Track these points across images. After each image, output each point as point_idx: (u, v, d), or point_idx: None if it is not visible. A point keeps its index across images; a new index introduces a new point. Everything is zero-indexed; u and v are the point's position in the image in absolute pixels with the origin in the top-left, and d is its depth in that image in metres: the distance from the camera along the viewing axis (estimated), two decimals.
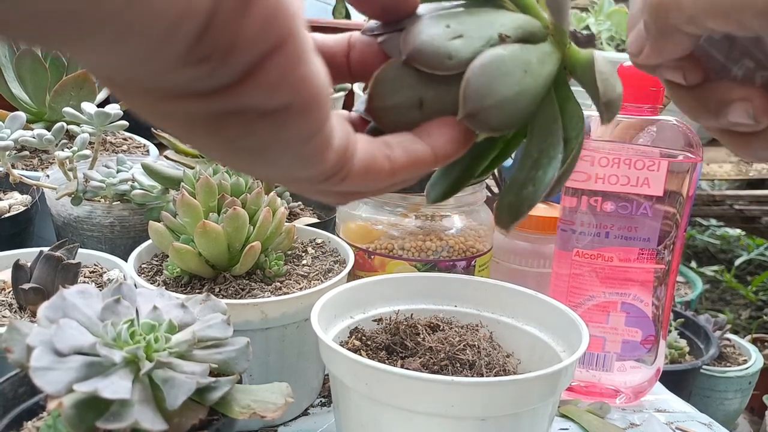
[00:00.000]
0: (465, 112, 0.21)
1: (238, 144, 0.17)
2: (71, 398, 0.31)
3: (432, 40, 0.22)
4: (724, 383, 1.14)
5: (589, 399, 0.54)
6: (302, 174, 0.19)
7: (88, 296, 0.35)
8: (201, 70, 0.15)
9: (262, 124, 0.16)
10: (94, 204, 0.58)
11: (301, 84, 0.16)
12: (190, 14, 0.13)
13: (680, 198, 0.51)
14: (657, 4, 0.23)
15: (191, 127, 0.16)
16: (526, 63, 0.22)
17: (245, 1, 0.14)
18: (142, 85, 0.15)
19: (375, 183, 0.21)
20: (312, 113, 0.17)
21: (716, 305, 1.61)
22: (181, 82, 0.15)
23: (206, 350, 0.35)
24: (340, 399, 0.39)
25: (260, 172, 0.19)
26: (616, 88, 0.22)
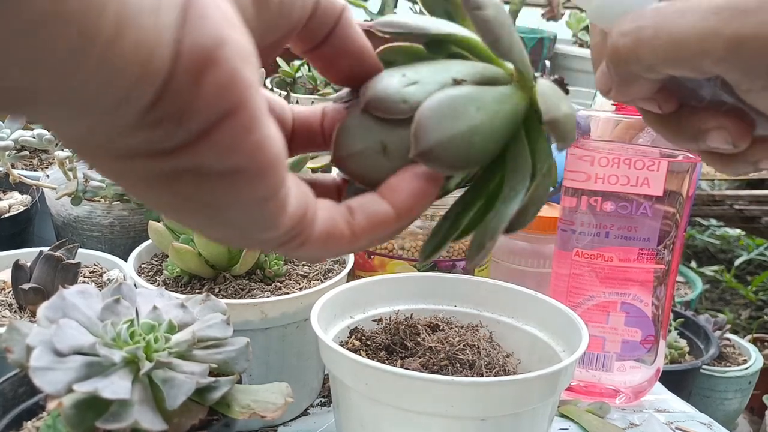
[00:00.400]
0: (417, 151, 0.22)
1: (193, 203, 0.17)
2: (71, 398, 0.31)
3: (387, 88, 0.23)
4: (724, 383, 1.14)
5: (588, 399, 0.54)
6: (258, 236, 0.19)
7: (87, 296, 0.35)
8: (154, 133, 0.15)
9: (214, 185, 0.17)
10: (94, 204, 0.58)
11: (255, 149, 0.16)
12: (143, 85, 0.14)
13: (680, 198, 0.51)
14: (615, 54, 0.23)
15: (146, 186, 0.17)
16: (479, 101, 0.22)
17: (198, 71, 0.14)
18: (99, 146, 0.16)
19: (336, 249, 0.22)
20: (265, 178, 0.17)
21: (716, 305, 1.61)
22: (134, 144, 0.15)
23: (206, 350, 0.35)
24: (340, 399, 0.39)
25: (217, 234, 0.20)
26: (560, 107, 0.22)
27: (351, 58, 0.23)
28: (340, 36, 0.22)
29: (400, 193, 0.22)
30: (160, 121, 0.15)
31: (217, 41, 0.15)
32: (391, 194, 0.22)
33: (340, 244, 0.21)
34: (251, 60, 0.16)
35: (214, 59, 0.15)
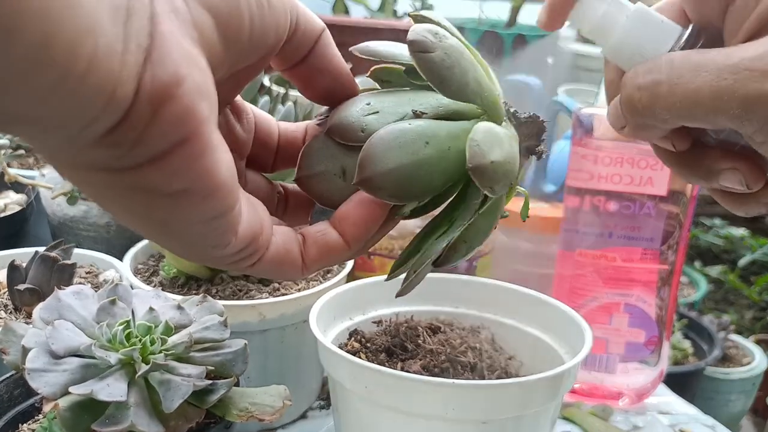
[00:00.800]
0: (359, 178, 0.23)
1: (146, 216, 0.19)
2: (67, 400, 0.30)
3: (349, 115, 0.24)
4: (727, 385, 1.14)
5: (591, 401, 0.53)
6: (210, 253, 0.21)
7: (83, 297, 0.35)
8: (112, 152, 0.17)
9: (164, 202, 0.19)
10: (90, 204, 0.57)
11: (202, 174, 0.18)
12: (106, 113, 0.16)
13: (684, 197, 0.51)
14: (631, 106, 0.24)
15: (105, 195, 0.19)
16: (431, 136, 0.23)
17: (157, 104, 0.17)
18: (64, 158, 0.18)
19: (288, 274, 0.24)
20: (212, 199, 0.19)
21: (720, 306, 1.61)
22: (94, 159, 0.17)
23: (203, 352, 0.34)
24: (339, 402, 0.39)
25: (172, 246, 0.22)
26: (488, 154, 0.23)
27: (328, 77, 0.24)
28: (318, 56, 0.24)
29: (348, 223, 0.24)
30: (118, 143, 0.17)
31: (176, 79, 0.17)
32: (340, 223, 0.24)
33: (291, 269, 0.24)
34: (207, 95, 0.18)
35: (171, 95, 0.17)
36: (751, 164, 0.24)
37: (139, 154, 0.17)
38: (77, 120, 0.16)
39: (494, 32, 1.12)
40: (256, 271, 0.23)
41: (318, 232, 0.24)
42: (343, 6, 1.21)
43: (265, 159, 0.27)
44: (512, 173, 0.24)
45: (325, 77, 0.24)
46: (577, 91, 1.03)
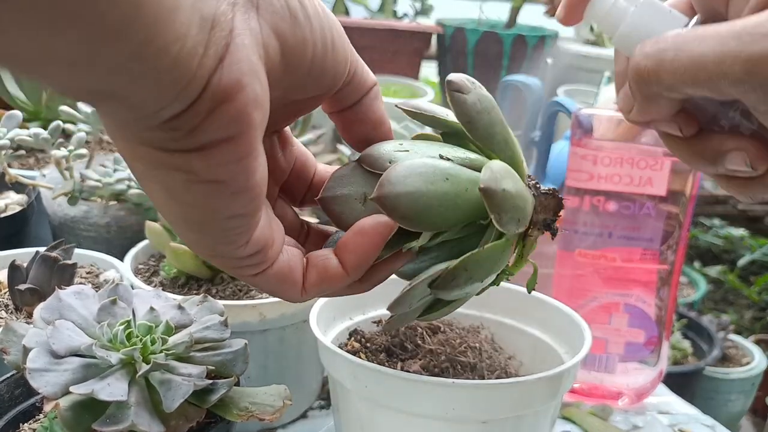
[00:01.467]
0: (377, 194, 0.24)
1: (178, 198, 0.21)
2: (68, 400, 0.30)
3: (381, 148, 0.26)
4: (727, 385, 1.14)
5: (591, 401, 0.54)
6: (221, 249, 0.22)
7: (84, 297, 0.35)
8: (171, 135, 0.19)
9: (200, 188, 0.20)
10: (91, 204, 0.57)
11: (239, 172, 0.20)
12: (176, 102, 0.18)
13: (683, 198, 0.51)
14: (638, 74, 0.24)
15: (150, 171, 0.21)
16: (451, 175, 0.25)
17: (217, 102, 0.19)
18: (126, 133, 0.20)
19: (287, 293, 0.25)
20: (240, 197, 0.21)
21: (719, 306, 1.61)
22: (154, 138, 0.20)
23: (204, 352, 0.34)
24: (340, 401, 0.39)
25: (189, 233, 0.23)
26: (502, 182, 0.24)
27: (369, 126, 0.27)
28: (365, 106, 0.26)
29: (347, 250, 0.25)
30: (178, 128, 0.19)
31: (238, 85, 0.19)
32: (341, 251, 0.25)
33: (291, 289, 0.25)
34: (261, 106, 0.20)
35: (231, 97, 0.19)
36: (757, 145, 0.24)
37: (192, 140, 0.19)
38: (154, 102, 0.18)
39: (494, 33, 1.12)
40: (258, 283, 0.24)
41: (320, 257, 0.25)
42: (343, 6, 1.21)
43: (298, 191, 0.29)
44: (522, 213, 0.25)
45: (366, 126, 0.27)
46: (576, 91, 1.03)
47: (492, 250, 0.25)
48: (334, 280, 0.25)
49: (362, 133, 0.27)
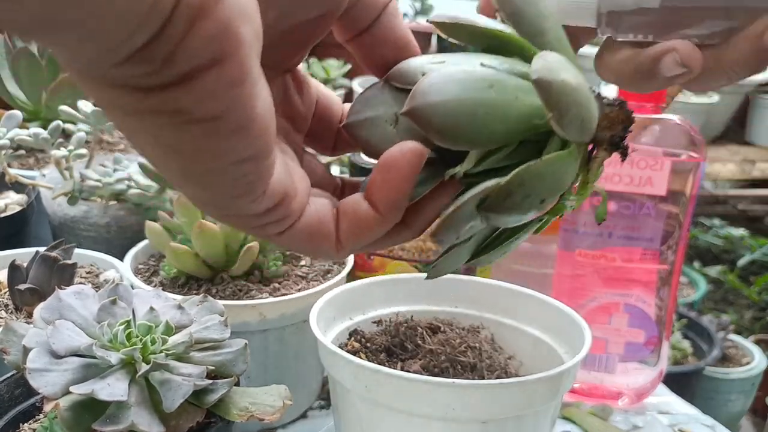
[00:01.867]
0: (408, 107, 0.20)
1: (174, 149, 0.18)
2: (68, 400, 0.30)
3: (411, 62, 0.23)
4: (727, 385, 1.14)
5: (591, 401, 0.54)
6: (236, 204, 0.19)
7: (84, 297, 0.35)
8: (143, 69, 0.16)
9: (194, 130, 0.17)
10: (91, 204, 0.57)
11: (237, 102, 0.17)
12: (144, 25, 0.15)
13: (683, 198, 0.51)
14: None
15: (133, 123, 0.18)
16: (496, 81, 0.21)
17: (193, 18, 0.16)
18: (92, 73, 0.17)
19: (322, 248, 0.21)
20: (244, 135, 0.17)
21: (719, 306, 1.61)
22: (124, 75, 0.16)
23: (203, 352, 0.34)
24: (340, 401, 0.39)
25: (196, 190, 0.19)
26: (558, 73, 0.19)
27: (392, 49, 0.23)
28: (383, 25, 0.22)
29: (375, 188, 0.21)
30: (150, 59, 0.16)
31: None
32: (371, 193, 0.21)
33: (325, 243, 0.21)
34: (250, 19, 0.17)
35: (208, 10, 0.16)
36: (685, 44, 0.22)
37: (170, 71, 0.16)
38: (117, 29, 0.15)
39: None
40: (285, 242, 0.21)
41: (350, 203, 0.22)
42: None
43: (326, 139, 0.25)
44: (587, 112, 0.20)
45: (389, 48, 0.23)
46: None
47: (554, 161, 0.21)
48: (368, 226, 0.21)
49: (385, 57, 0.23)
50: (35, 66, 0.76)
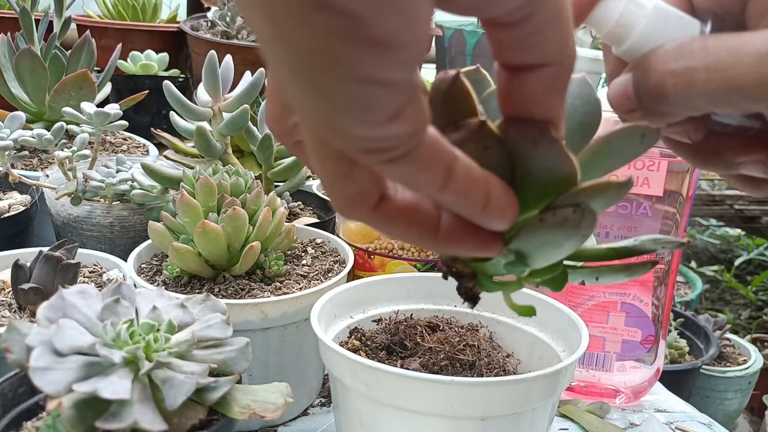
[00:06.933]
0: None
1: (283, 30, 0.14)
2: (71, 398, 0.31)
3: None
4: (723, 383, 1.14)
5: (588, 399, 0.54)
6: (347, 128, 0.15)
7: (87, 296, 0.35)
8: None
9: (314, 17, 0.13)
10: (94, 204, 0.58)
11: (382, 4, 0.13)
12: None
13: (680, 198, 0.51)
14: (660, 93, 0.22)
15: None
16: None
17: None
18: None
19: (430, 176, 0.17)
20: (384, 52, 0.14)
21: (716, 305, 1.62)
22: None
23: (206, 350, 0.35)
24: (340, 399, 0.39)
25: (298, 94, 0.15)
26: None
27: (518, 106, 0.20)
28: (525, 82, 0.19)
29: (495, 187, 0.19)
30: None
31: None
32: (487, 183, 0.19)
33: (436, 177, 0.17)
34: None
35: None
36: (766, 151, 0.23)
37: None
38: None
39: None
40: (394, 169, 0.17)
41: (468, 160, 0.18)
42: None
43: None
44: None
45: (515, 105, 0.19)
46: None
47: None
48: (477, 192, 0.18)
49: (512, 105, 0.19)
50: (38, 67, 0.76)
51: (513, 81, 0.19)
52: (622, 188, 0.19)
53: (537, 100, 0.19)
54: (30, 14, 0.80)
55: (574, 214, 0.19)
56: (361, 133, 0.15)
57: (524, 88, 0.19)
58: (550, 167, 0.19)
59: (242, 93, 0.61)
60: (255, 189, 0.49)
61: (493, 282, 0.25)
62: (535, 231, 0.20)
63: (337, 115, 0.15)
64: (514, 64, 0.18)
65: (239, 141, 0.71)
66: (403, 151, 0.16)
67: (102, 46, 0.92)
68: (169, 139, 0.72)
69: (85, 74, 0.75)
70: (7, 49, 0.79)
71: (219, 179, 0.48)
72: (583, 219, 0.19)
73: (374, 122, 0.15)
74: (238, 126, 0.60)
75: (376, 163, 0.17)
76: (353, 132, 0.15)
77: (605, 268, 0.26)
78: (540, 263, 0.23)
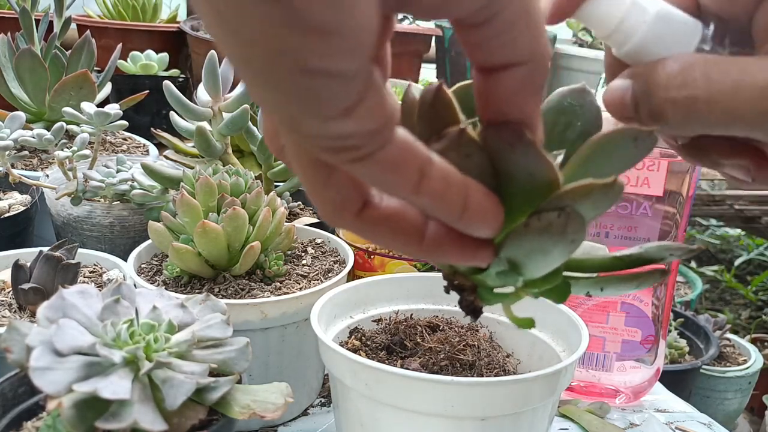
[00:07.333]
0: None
1: (227, 21, 0.14)
2: (71, 398, 0.31)
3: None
4: (723, 383, 1.14)
5: (588, 399, 0.54)
6: (305, 123, 0.15)
7: (87, 296, 0.35)
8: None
9: (255, 6, 0.13)
10: (94, 204, 0.58)
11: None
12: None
13: (680, 198, 0.51)
14: (661, 117, 0.22)
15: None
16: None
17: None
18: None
19: (402, 182, 0.17)
20: (325, 39, 0.14)
21: (716, 305, 1.62)
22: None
23: (206, 350, 0.35)
24: (340, 399, 0.39)
25: (253, 87, 0.15)
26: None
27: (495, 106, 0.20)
28: (497, 81, 0.19)
29: (476, 193, 0.19)
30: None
31: None
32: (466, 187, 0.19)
33: (406, 179, 0.17)
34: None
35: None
36: (757, 160, 0.24)
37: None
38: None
39: None
40: (362, 168, 0.17)
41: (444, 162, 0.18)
42: None
43: None
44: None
45: (492, 105, 0.19)
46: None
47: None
48: (452, 196, 0.18)
49: (488, 108, 0.19)
50: (38, 67, 0.76)
51: (487, 83, 0.19)
52: (608, 190, 0.19)
53: (510, 101, 0.19)
54: (30, 14, 0.81)
55: (558, 218, 0.19)
56: (318, 128, 0.15)
57: (497, 89, 0.19)
58: (531, 172, 0.19)
59: (242, 93, 0.61)
60: (255, 189, 0.49)
61: (493, 294, 0.25)
62: (522, 237, 0.20)
63: (292, 108, 0.15)
64: (486, 65, 0.18)
65: (239, 141, 0.71)
66: (368, 150, 0.16)
67: (102, 46, 0.92)
68: (169, 139, 0.72)
69: (85, 74, 0.75)
70: (7, 49, 0.79)
71: (219, 179, 0.48)
72: (569, 223, 0.19)
73: (328, 116, 0.15)
74: (238, 126, 0.60)
75: (342, 163, 0.17)
76: (311, 128, 0.15)
77: (611, 278, 0.25)
78: (533, 272, 0.23)
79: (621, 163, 0.21)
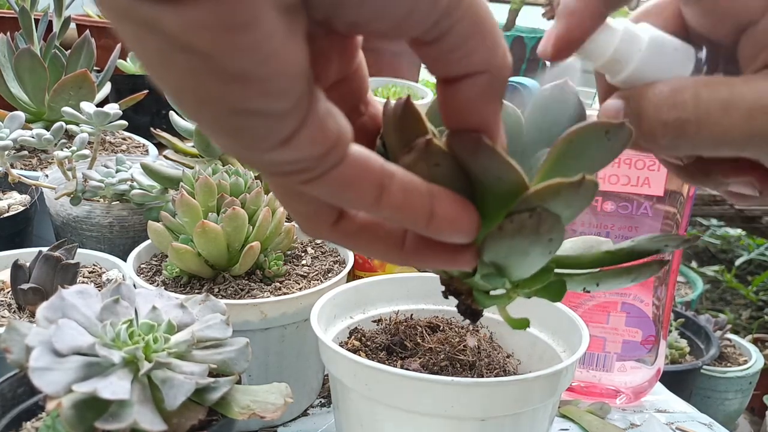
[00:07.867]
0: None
1: (158, 67, 0.15)
2: (70, 398, 0.31)
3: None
4: (724, 383, 1.14)
5: (589, 399, 0.54)
6: (244, 153, 0.16)
7: (87, 296, 0.35)
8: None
9: (179, 58, 0.14)
10: (93, 204, 0.58)
11: (233, 47, 0.14)
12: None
13: (681, 198, 0.51)
14: (652, 139, 0.22)
15: (118, 22, 0.14)
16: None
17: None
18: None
19: (360, 198, 0.18)
20: (249, 85, 0.15)
21: (716, 305, 1.62)
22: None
23: (205, 350, 0.35)
24: (340, 399, 0.39)
25: (198, 121, 0.16)
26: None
27: (456, 116, 0.20)
28: (456, 91, 0.19)
29: (444, 201, 0.19)
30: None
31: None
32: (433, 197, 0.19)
33: (364, 195, 0.18)
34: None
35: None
36: (760, 174, 0.24)
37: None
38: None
39: None
40: (318, 187, 0.17)
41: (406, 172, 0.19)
42: None
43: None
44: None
45: (454, 114, 0.20)
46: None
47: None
48: (419, 195, 0.19)
49: (450, 117, 0.20)
50: (38, 67, 0.76)
51: (448, 92, 0.19)
52: (577, 188, 0.19)
53: (469, 110, 0.19)
54: (29, 14, 0.81)
55: (530, 219, 0.19)
56: (260, 158, 0.16)
57: (457, 98, 0.19)
58: (498, 176, 0.20)
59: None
60: (255, 189, 0.49)
61: (488, 296, 0.25)
62: (499, 240, 0.20)
63: (232, 144, 0.16)
64: (445, 76, 0.19)
65: None
66: (320, 171, 0.17)
67: (101, 46, 0.92)
68: (168, 138, 0.72)
69: (84, 74, 0.75)
70: (6, 49, 0.79)
71: (219, 179, 0.48)
72: (541, 223, 0.19)
73: (265, 149, 0.16)
74: None
75: (296, 184, 0.17)
76: (253, 158, 0.16)
77: (606, 273, 0.25)
78: (517, 273, 0.23)
79: (597, 158, 0.21)
